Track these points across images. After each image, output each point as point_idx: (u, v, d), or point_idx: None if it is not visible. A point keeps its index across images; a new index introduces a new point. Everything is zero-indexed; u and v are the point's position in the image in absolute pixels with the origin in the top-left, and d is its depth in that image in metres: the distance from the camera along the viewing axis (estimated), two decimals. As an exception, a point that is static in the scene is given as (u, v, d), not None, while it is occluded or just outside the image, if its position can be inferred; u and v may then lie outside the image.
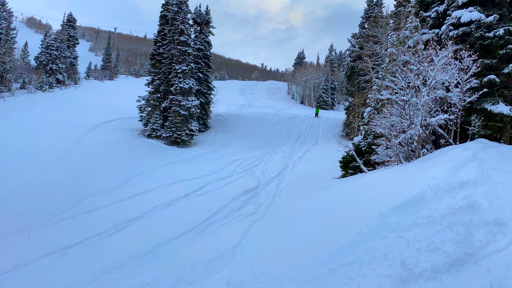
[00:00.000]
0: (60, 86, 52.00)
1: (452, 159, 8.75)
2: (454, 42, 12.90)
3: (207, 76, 41.57)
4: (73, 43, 61.89)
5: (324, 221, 7.67)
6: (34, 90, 46.45)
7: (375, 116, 15.20)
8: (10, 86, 44.37)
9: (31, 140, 27.14)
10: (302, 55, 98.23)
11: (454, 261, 4.14)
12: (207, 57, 41.69)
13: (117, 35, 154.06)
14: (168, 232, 11.77)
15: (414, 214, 5.79)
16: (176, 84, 33.50)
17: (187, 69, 34.19)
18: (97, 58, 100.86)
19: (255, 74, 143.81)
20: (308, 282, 4.54)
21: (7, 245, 12.41)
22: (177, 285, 6.09)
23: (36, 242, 12.17)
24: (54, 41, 53.99)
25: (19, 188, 19.33)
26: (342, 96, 74.00)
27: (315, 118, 49.36)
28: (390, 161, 13.51)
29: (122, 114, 39.02)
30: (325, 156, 27.28)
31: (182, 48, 34.14)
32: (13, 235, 13.38)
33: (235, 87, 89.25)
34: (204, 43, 41.26)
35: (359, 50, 38.57)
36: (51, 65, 51.91)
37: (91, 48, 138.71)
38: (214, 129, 40.62)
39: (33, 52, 54.78)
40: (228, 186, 19.35)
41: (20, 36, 55.52)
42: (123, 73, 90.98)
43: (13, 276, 9.65)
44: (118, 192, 18.47)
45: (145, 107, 35.56)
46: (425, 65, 12.06)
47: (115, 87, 62.57)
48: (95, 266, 9.40)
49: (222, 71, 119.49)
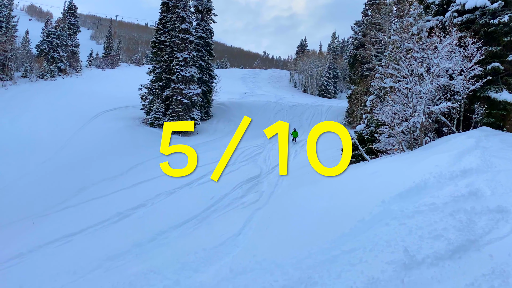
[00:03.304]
0: (62, 74, 51.88)
1: (455, 147, 8.74)
2: (458, 29, 12.77)
3: (209, 64, 41.39)
4: (74, 31, 61.61)
5: (326, 209, 7.70)
6: (36, 78, 46.38)
7: (378, 104, 15.14)
8: (12, 75, 44.30)
9: (33, 129, 27.20)
10: (304, 43, 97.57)
11: (456, 248, 4.16)
12: (209, 45, 41.44)
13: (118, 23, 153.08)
14: (171, 220, 11.83)
15: (416, 201, 5.80)
16: (178, 72, 33.39)
17: (188, 57, 34.03)
18: (98, 46, 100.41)
19: (257, 62, 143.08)
20: (311, 268, 4.57)
21: (12, 232, 12.54)
22: (181, 271, 6.14)
23: (40, 230, 12.28)
24: (55, 29, 53.73)
25: (23, 176, 19.45)
26: (344, 84, 73.65)
27: (317, 106, 49.09)
28: (392, 149, 13.50)
29: (124, 103, 38.98)
30: (327, 144, 27.18)
31: (184, 36, 33.94)
32: (17, 223, 13.51)
33: (237, 75, 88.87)
34: (205, 31, 40.99)
35: (362, 38, 38.26)
36: (52, 54, 51.73)
37: (93, 36, 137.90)
38: (216, 118, 40.58)
39: (34, 40, 54.51)
40: (230, 174, 19.38)
41: (20, 24, 55.24)
42: (124, 61, 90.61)
43: (18, 263, 9.76)
44: (121, 181, 18.57)
45: (147, 96, 35.51)
46: (429, 53, 11.96)
47: (117, 75, 62.40)
48: (99, 253, 9.47)
49: (224, 59, 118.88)
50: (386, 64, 17.96)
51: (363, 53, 34.24)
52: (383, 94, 18.20)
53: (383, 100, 15.72)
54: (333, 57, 78.15)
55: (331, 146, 25.37)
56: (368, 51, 32.33)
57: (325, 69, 74.68)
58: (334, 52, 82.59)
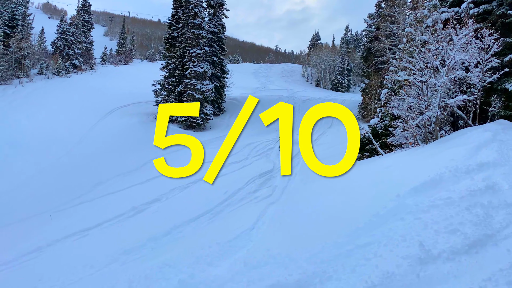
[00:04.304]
0: (77, 71, 52.51)
1: (471, 140, 8.60)
2: (475, 21, 12.50)
3: (221, 59, 41.39)
4: (88, 28, 62.21)
5: (340, 203, 7.67)
6: (51, 75, 47.03)
7: (392, 97, 14.97)
8: (28, 72, 45.00)
9: (49, 125, 27.64)
10: (317, 37, 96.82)
11: (473, 242, 4.12)
12: (221, 40, 41.41)
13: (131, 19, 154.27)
14: (185, 214, 11.93)
15: (432, 196, 5.74)
16: (191, 68, 33.49)
17: (201, 53, 34.10)
18: (112, 42, 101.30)
19: (269, 56, 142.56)
20: (325, 262, 4.57)
21: (30, 226, 12.81)
22: (196, 265, 6.19)
23: (58, 224, 12.51)
24: (69, 26, 54.34)
25: (40, 172, 19.81)
26: (358, 78, 72.94)
27: (330, 100, 48.81)
28: (407, 143, 13.36)
29: (138, 99, 39.31)
30: (341, 138, 27.03)
31: (196, 31, 33.99)
32: (35, 217, 13.79)
33: (249, 70, 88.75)
34: (218, 26, 40.95)
35: (375, 31, 37.79)
36: (67, 51, 52.36)
37: (106, 32, 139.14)
38: (228, 113, 40.64)
39: (50, 38, 55.24)
40: (243, 169, 19.43)
41: (36, 22, 56.00)
42: (138, 57, 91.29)
43: (37, 256, 9.97)
44: (135, 176, 18.77)
45: (161, 92, 35.74)
46: (444, 45, 11.76)
47: (130, 71, 62.90)
48: (115, 247, 9.61)
49: (236, 54, 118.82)
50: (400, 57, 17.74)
51: (376, 46, 33.85)
52: (397, 88, 17.99)
53: (397, 94, 15.53)
54: (346, 50, 77.38)
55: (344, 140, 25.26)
56: (381, 44, 31.94)
57: (338, 63, 74.08)
58: (347, 46, 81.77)
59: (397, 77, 14.77)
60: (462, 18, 13.19)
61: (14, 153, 21.76)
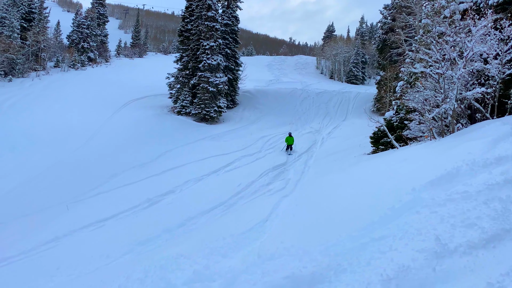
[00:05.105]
0: (92, 64, 53.06)
1: (489, 133, 8.44)
2: (494, 11, 12.22)
3: (234, 52, 41.31)
4: (103, 21, 62.68)
5: (354, 196, 7.63)
6: (67, 68, 47.62)
7: (408, 90, 14.78)
8: (45, 65, 45.66)
9: (66, 118, 28.04)
10: (331, 28, 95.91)
11: (490, 237, 4.05)
12: (235, 32, 41.31)
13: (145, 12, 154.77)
14: (199, 206, 12.03)
15: (448, 189, 5.66)
16: (204, 60, 33.52)
17: (214, 45, 34.08)
18: (126, 35, 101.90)
19: (283, 49, 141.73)
20: (340, 255, 4.56)
21: (48, 217, 13.06)
22: (210, 256, 6.25)
23: (74, 215, 12.74)
24: (84, 19, 54.85)
25: (56, 163, 20.14)
26: (373, 70, 72.16)
27: (345, 93, 48.35)
28: (423, 136, 13.19)
29: (152, 91, 39.59)
30: (355, 131, 26.92)
31: (210, 23, 33.95)
32: (52, 208, 14.05)
33: (263, 62, 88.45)
34: (231, 18, 40.84)
35: (391, 22, 37.26)
36: (82, 44, 52.89)
37: (121, 25, 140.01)
38: (242, 106, 40.66)
39: (65, 31, 55.86)
40: (256, 162, 19.47)
41: (52, 15, 56.66)
42: (152, 50, 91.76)
43: (55, 246, 10.19)
44: (150, 168, 18.96)
45: (175, 84, 35.89)
46: (462, 36, 11.52)
47: (145, 64, 63.28)
48: (130, 238, 9.77)
49: (249, 47, 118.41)
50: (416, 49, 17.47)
51: (392, 37, 33.37)
52: (413, 80, 17.74)
53: (413, 86, 15.31)
54: (361, 42, 76.43)
55: (358, 133, 25.05)
56: (397, 36, 31.42)
57: (353, 55, 73.29)
58: (362, 37, 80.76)
59: (413, 69, 14.55)
60: (481, 8, 12.90)
61: (31, 145, 22.16)
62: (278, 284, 4.20)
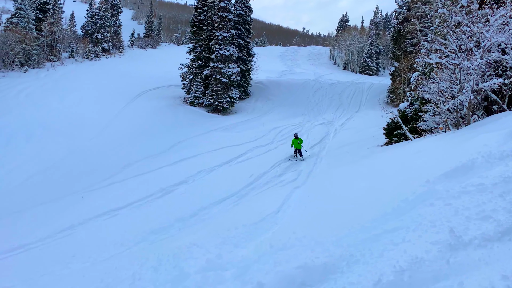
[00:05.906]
0: (106, 54, 53.44)
1: (505, 125, 8.28)
2: (514, 0, 11.91)
3: (247, 42, 41.15)
4: (117, 11, 62.94)
5: (367, 188, 7.59)
6: (82, 59, 48.05)
7: (423, 81, 14.56)
8: (59, 56, 46.13)
9: (80, 108, 28.38)
10: (345, 18, 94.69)
11: (506, 229, 3.99)
12: (247, 22, 41.10)
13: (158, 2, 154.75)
14: (211, 196, 12.11)
15: (463, 182, 5.59)
16: (217, 51, 33.47)
17: (227, 36, 33.98)
18: (139, 26, 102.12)
19: (296, 39, 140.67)
20: (352, 246, 4.55)
21: (63, 206, 13.28)
22: (222, 245, 6.30)
23: (89, 204, 12.93)
24: (98, 10, 55.13)
25: (71, 153, 20.43)
26: (387, 61, 71.12)
27: (358, 84, 47.85)
28: (437, 128, 13.02)
29: (165, 82, 39.74)
30: (368, 123, 26.70)
31: (223, 14, 33.83)
32: (68, 197, 14.28)
33: (276, 53, 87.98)
34: (244, 8, 40.61)
35: (406, 12, 36.63)
36: (96, 34, 53.25)
37: (134, 16, 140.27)
38: (254, 97, 40.58)
39: (79, 22, 56.25)
40: (268, 153, 19.47)
41: (66, 6, 57.07)
42: (165, 41, 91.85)
43: (71, 234, 10.38)
44: (163, 158, 19.11)
45: (187, 75, 35.96)
46: (480, 26, 11.28)
47: (158, 55, 63.49)
48: (144, 227, 9.89)
49: (262, 37, 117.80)
50: (432, 39, 17.14)
51: (407, 28, 32.84)
52: (428, 71, 17.46)
53: (428, 77, 15.07)
54: (376, 32, 75.33)
55: (371, 124, 24.84)
56: (413, 26, 30.88)
57: (367, 45, 72.39)
58: (377, 28, 79.57)
59: (428, 60, 14.29)
60: (500, -3, 12.57)
61: (46, 135, 22.50)
62: (291, 274, 4.22)
